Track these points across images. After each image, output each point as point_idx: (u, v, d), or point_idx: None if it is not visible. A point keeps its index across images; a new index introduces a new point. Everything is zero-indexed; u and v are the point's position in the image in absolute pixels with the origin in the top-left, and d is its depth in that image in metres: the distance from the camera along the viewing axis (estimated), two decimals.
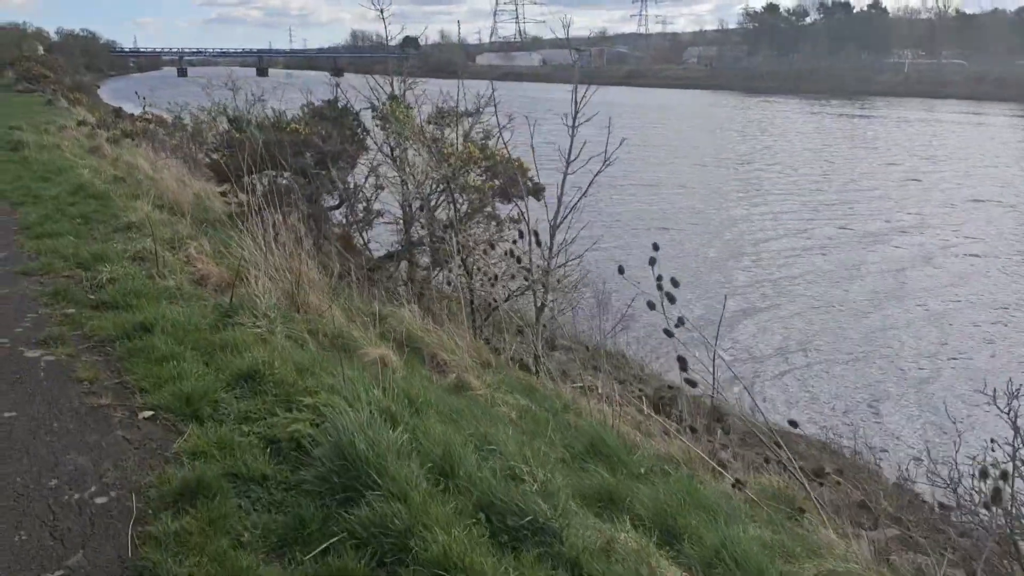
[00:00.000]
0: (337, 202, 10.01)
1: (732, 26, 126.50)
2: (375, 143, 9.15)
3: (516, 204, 8.40)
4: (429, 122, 9.28)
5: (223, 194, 9.38)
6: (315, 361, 4.10)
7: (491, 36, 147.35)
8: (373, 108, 8.83)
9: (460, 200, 8.80)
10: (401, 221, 9.48)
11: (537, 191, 9.54)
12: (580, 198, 7.80)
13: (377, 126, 8.88)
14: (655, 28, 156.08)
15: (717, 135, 40.55)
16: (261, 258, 6.16)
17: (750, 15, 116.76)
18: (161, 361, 3.76)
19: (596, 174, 7.54)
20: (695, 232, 17.45)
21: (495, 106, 8.42)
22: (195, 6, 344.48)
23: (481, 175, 8.81)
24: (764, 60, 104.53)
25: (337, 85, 9.21)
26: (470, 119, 9.57)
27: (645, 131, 39.25)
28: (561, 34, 10.60)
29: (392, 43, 10.37)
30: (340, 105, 8.57)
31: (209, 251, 6.61)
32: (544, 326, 7.89)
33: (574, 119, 7.66)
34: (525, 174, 9.32)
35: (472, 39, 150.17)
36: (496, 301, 8.24)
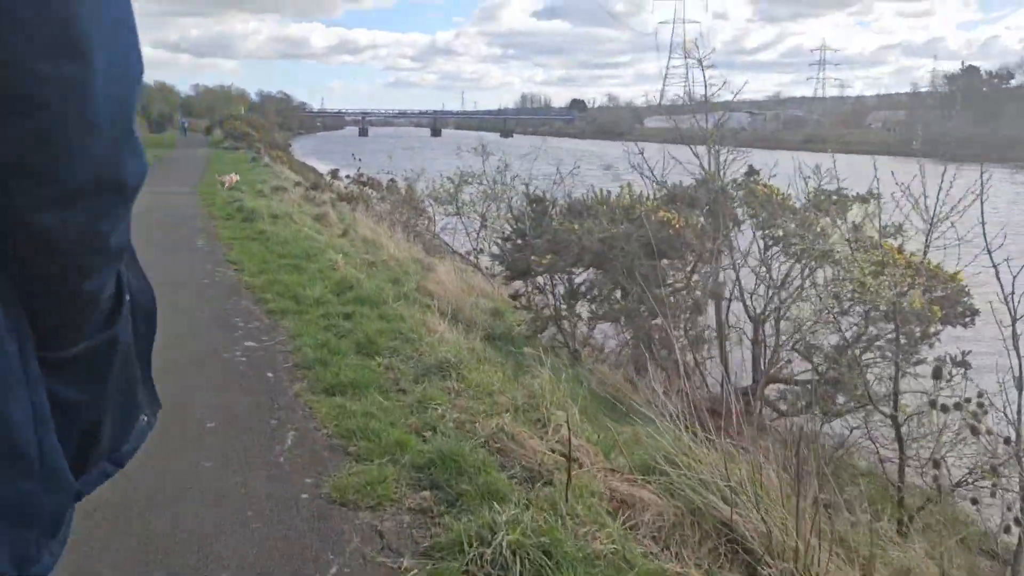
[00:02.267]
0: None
1: (924, 89, 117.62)
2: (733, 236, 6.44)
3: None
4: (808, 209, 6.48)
5: (514, 297, 6.97)
6: None
7: (660, 99, 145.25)
8: (746, 188, 6.14)
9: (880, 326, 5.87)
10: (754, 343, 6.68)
11: (971, 314, 6.49)
12: None
13: (748, 216, 6.16)
14: (832, 91, 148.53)
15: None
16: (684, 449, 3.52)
17: (947, 77, 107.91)
18: None
19: None
20: None
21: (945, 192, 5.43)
22: (377, 71, 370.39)
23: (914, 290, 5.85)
24: (962, 125, 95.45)
25: (711, 155, 6.59)
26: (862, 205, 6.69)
27: None
28: (733, 97, 7.66)
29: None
30: (715, 187, 5.93)
31: (580, 424, 4.03)
32: None
33: None
34: (962, 292, 6.29)
35: (639, 101, 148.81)
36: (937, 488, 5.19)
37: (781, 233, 5.99)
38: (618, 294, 6.63)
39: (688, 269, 5.94)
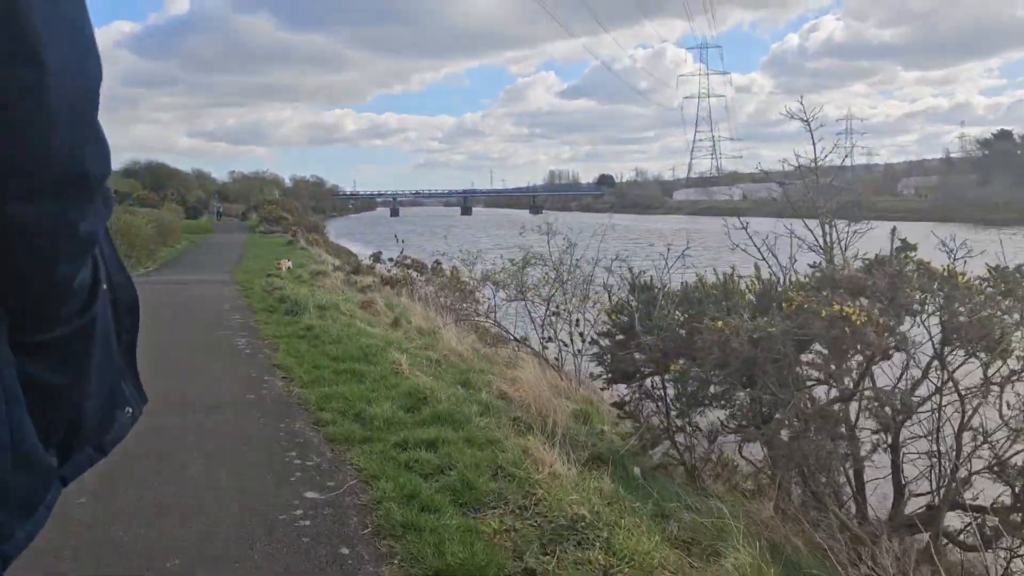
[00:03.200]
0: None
1: (955, 155, 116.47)
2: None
3: None
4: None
5: (618, 406, 5.73)
6: None
7: (688, 172, 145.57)
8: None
9: None
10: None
11: None
12: None
13: (922, 303, 4.89)
14: (860, 159, 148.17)
15: None
16: None
17: (980, 142, 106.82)
18: None
19: None
20: None
21: None
22: (407, 152, 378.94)
23: None
24: (999, 189, 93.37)
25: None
26: None
27: None
28: (757, 168, 6.29)
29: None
30: (892, 268, 4.66)
31: None
32: None
33: None
34: None
35: (666, 175, 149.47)
36: None
37: (965, 320, 4.72)
38: (742, 396, 5.36)
39: (855, 372, 4.67)
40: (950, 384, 5.16)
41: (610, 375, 5.77)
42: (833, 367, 4.38)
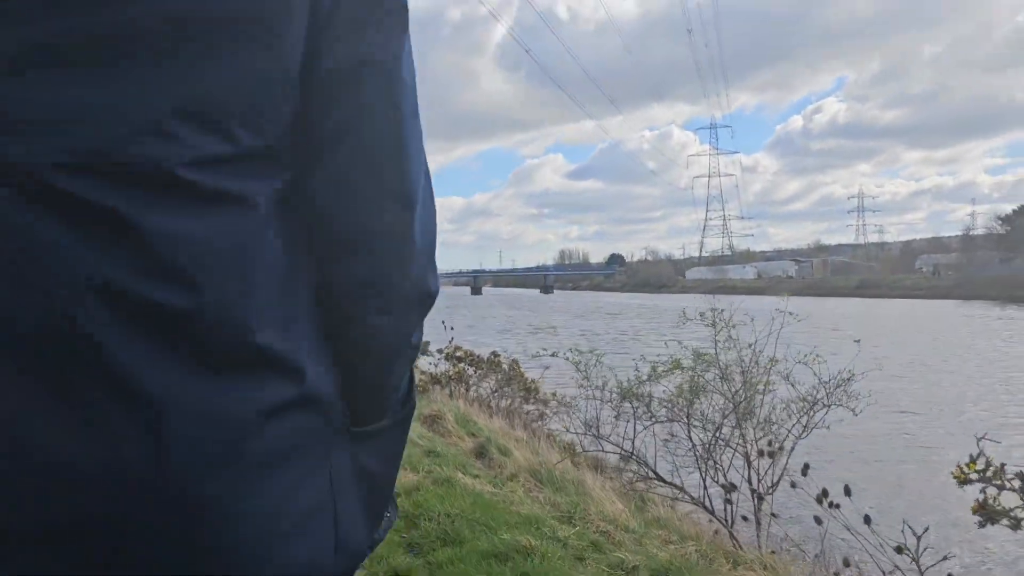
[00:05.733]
0: None
1: (974, 231, 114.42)
2: None
3: None
4: None
5: None
6: None
7: (700, 251, 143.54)
8: None
9: None
10: None
11: None
12: None
13: None
14: (872, 237, 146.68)
15: None
16: None
17: (1001, 219, 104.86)
18: None
19: None
20: None
21: None
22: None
23: None
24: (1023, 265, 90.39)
25: None
26: None
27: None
28: (769, 247, 2.52)
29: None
30: None
31: None
32: None
33: None
34: None
35: (676, 254, 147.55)
36: None
37: None
38: None
39: None
40: None
41: None
42: None
